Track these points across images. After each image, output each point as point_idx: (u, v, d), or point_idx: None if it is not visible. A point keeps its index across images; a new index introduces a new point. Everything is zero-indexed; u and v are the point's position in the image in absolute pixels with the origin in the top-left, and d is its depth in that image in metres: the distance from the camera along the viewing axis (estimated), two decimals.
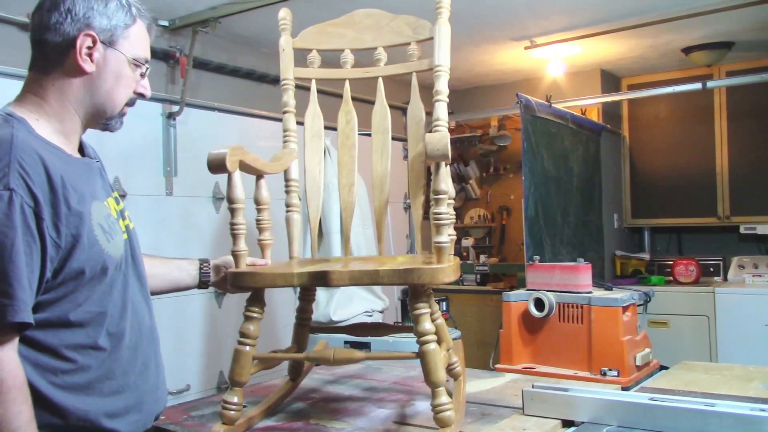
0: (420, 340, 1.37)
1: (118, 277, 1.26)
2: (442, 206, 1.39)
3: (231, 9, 3.08)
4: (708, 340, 4.14)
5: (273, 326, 3.50)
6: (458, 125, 5.24)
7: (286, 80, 1.74)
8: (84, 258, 1.17)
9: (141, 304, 1.34)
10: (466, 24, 3.55)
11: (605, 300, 2.47)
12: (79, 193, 1.18)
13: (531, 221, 3.43)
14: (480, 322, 4.27)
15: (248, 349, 1.47)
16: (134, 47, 1.29)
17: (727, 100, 4.53)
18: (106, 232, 1.23)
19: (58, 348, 1.17)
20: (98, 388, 1.21)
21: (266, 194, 1.59)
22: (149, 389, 1.33)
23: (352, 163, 1.74)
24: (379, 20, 1.74)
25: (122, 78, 1.28)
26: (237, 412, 1.46)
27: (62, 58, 1.23)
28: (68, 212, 1.15)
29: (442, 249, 1.39)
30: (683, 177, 4.71)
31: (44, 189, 1.12)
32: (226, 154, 1.41)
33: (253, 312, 1.51)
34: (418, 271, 1.32)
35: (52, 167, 1.14)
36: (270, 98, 3.86)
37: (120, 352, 1.26)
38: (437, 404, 1.35)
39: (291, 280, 1.43)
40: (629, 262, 4.84)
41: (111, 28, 1.25)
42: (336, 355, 1.46)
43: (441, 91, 1.59)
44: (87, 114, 1.28)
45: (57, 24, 1.22)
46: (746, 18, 3.59)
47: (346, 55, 1.76)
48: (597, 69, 4.67)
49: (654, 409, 1.40)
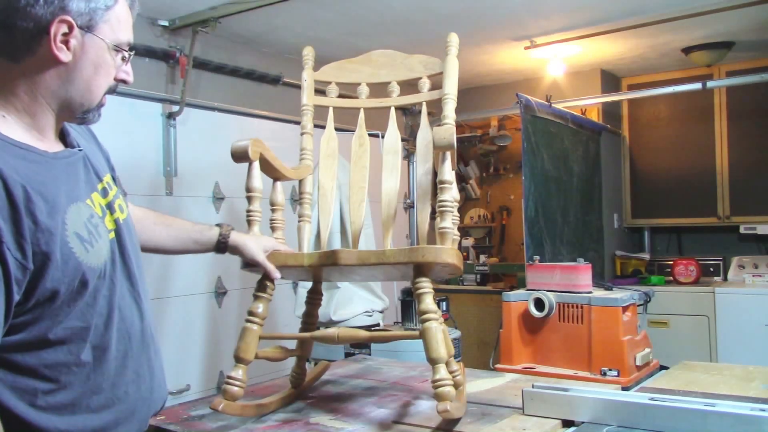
0: (422, 317, 1.43)
1: (102, 285, 1.15)
2: (447, 195, 1.51)
3: (231, 9, 3.08)
4: (708, 340, 4.14)
5: (274, 327, 3.50)
6: (458, 125, 5.21)
7: (306, 106, 1.88)
8: (58, 276, 1.05)
9: (130, 308, 1.23)
10: (466, 24, 3.55)
11: (605, 300, 2.47)
12: (49, 202, 1.05)
13: (531, 221, 3.43)
14: (480, 322, 4.27)
15: (255, 327, 1.53)
16: (116, 31, 1.14)
17: (727, 100, 4.53)
18: (85, 240, 1.11)
19: (37, 368, 1.07)
20: (84, 405, 1.13)
21: (281, 197, 1.72)
22: (142, 396, 1.26)
23: (363, 181, 1.85)
24: (393, 58, 1.89)
25: (102, 66, 1.14)
26: (240, 388, 1.50)
27: (34, 46, 1.08)
28: (34, 228, 1.02)
29: (446, 234, 1.50)
30: (683, 177, 4.71)
31: (2, 207, 0.99)
32: (248, 145, 1.57)
33: (264, 291, 1.58)
34: (422, 249, 1.44)
35: (11, 180, 1.01)
36: (270, 98, 3.87)
37: (106, 364, 1.17)
38: (437, 379, 1.39)
39: (301, 260, 1.55)
40: (629, 262, 4.84)
41: (89, 12, 1.09)
42: (340, 334, 1.54)
43: (448, 116, 1.70)
44: (62, 107, 1.14)
45: (27, 6, 1.05)
46: (746, 18, 3.59)
47: (362, 87, 1.91)
48: (597, 69, 4.67)
49: (654, 409, 1.40)
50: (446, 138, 1.49)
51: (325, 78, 1.93)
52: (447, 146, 1.50)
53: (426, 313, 1.44)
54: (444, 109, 1.72)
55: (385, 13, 3.37)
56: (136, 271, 1.27)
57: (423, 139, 1.80)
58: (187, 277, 3.29)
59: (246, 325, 1.54)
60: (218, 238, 1.57)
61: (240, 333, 1.54)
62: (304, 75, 1.90)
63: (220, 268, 3.40)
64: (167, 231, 1.55)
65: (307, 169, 1.85)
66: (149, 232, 1.51)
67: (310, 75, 1.90)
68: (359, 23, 3.50)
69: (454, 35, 1.80)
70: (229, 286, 3.48)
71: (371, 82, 1.91)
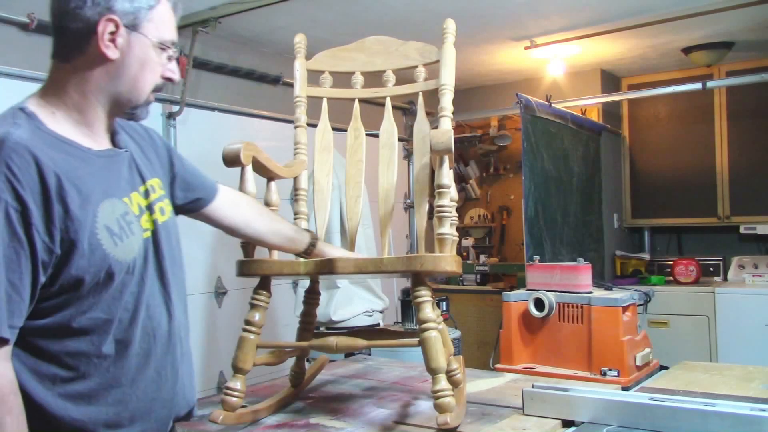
0: (421, 327, 1.41)
1: (130, 281, 1.18)
2: (445, 200, 1.47)
3: (231, 9, 3.08)
4: (708, 340, 4.14)
5: (273, 327, 3.50)
6: (458, 125, 5.23)
7: (299, 97, 1.84)
8: (84, 265, 1.10)
9: (158, 308, 1.24)
10: (466, 24, 3.54)
11: (605, 300, 2.47)
12: (83, 194, 1.11)
13: (531, 221, 3.43)
14: (480, 322, 4.27)
15: (252, 336, 1.52)
16: (159, 30, 1.20)
17: (727, 100, 4.53)
18: (115, 234, 1.15)
19: (59, 355, 1.12)
20: (101, 397, 1.15)
21: (276, 197, 1.68)
22: (162, 398, 1.25)
23: (359, 175, 1.82)
24: (388, 46, 1.84)
25: (148, 63, 1.19)
26: (238, 399, 1.49)
27: (83, 45, 1.15)
28: (64, 215, 1.08)
29: (445, 240, 1.47)
30: (683, 177, 4.71)
31: (35, 191, 1.06)
32: (240, 149, 1.52)
33: (259, 300, 1.56)
34: (421, 258, 1.41)
35: (46, 167, 1.07)
36: (270, 98, 3.86)
37: (127, 359, 1.18)
38: (437, 390, 1.38)
39: (297, 269, 1.51)
40: (629, 262, 4.84)
41: (134, 11, 1.16)
42: (339, 343, 1.51)
43: (445, 108, 1.66)
44: (110, 103, 1.19)
45: (76, 9, 1.12)
46: (746, 18, 3.59)
47: (356, 76, 1.86)
48: (597, 69, 4.67)
49: (654, 409, 1.40)
50: (444, 142, 1.45)
51: (318, 67, 1.87)
52: (445, 150, 1.46)
53: (425, 322, 1.41)
54: (441, 101, 1.66)
55: (385, 13, 3.37)
56: (171, 272, 1.29)
57: (419, 131, 1.75)
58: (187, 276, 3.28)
59: (243, 334, 1.52)
60: (309, 241, 1.63)
61: (237, 343, 1.52)
62: (297, 64, 1.84)
63: (220, 268, 3.40)
64: (270, 224, 1.58)
65: (302, 164, 1.81)
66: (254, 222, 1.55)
67: (303, 64, 1.85)
68: (359, 23, 3.50)
69: (450, 21, 1.73)
70: (229, 286, 3.48)
71: (366, 70, 1.85)
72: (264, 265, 1.54)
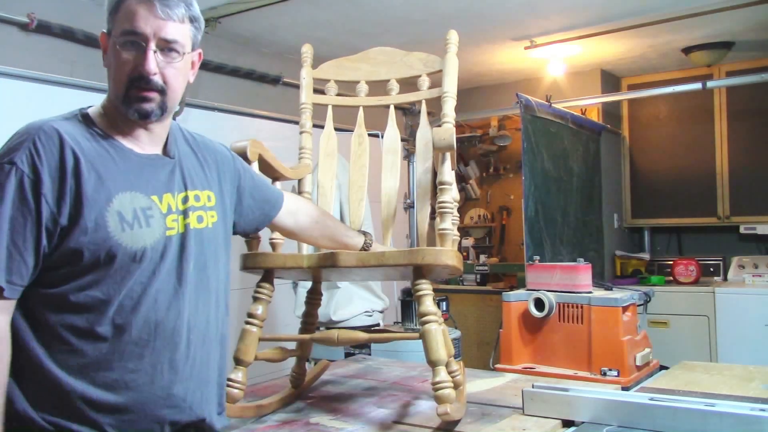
0: (422, 320, 1.43)
1: (136, 269, 1.20)
2: (447, 196, 1.51)
3: (231, 9, 3.08)
4: (708, 340, 4.14)
5: (273, 327, 3.50)
6: (458, 125, 5.22)
7: (304, 104, 1.88)
8: (85, 241, 1.16)
9: (167, 304, 1.25)
10: (466, 24, 3.55)
11: (605, 300, 2.47)
12: (102, 178, 1.18)
13: (531, 221, 3.43)
14: (480, 322, 4.27)
15: (255, 329, 1.54)
16: (122, 23, 1.23)
17: (727, 100, 4.53)
18: (125, 221, 1.19)
19: (55, 326, 1.17)
20: (90, 376, 1.18)
21: None
22: (155, 393, 1.23)
23: (362, 180, 1.85)
24: (392, 56, 1.89)
25: (116, 61, 1.24)
26: (240, 391, 1.50)
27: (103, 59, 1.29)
28: (76, 191, 1.16)
29: (446, 235, 1.50)
30: (683, 177, 4.71)
31: (52, 165, 1.15)
32: (247, 145, 1.57)
33: (262, 293, 1.58)
34: (422, 251, 1.43)
35: (66, 144, 1.17)
36: (270, 98, 3.87)
37: (122, 345, 1.20)
38: (437, 381, 1.39)
39: (301, 262, 1.53)
40: (629, 262, 4.84)
41: (108, 17, 1.26)
42: (340, 336, 1.53)
43: (447, 114, 1.70)
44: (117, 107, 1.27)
45: None
46: (746, 18, 3.59)
47: (361, 85, 1.90)
48: (597, 69, 4.67)
49: (654, 409, 1.41)
50: (446, 139, 1.49)
51: (323, 76, 1.92)
52: (447, 147, 1.50)
53: (426, 315, 1.44)
54: (443, 108, 1.71)
55: (385, 13, 3.37)
56: (195, 275, 1.30)
57: (422, 137, 1.80)
58: None
59: (245, 326, 1.55)
60: (363, 246, 1.69)
61: (240, 335, 1.54)
62: (303, 73, 1.90)
63: None
64: (323, 231, 1.67)
65: (306, 168, 1.85)
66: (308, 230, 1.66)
67: (309, 73, 1.90)
68: (359, 23, 3.50)
69: (453, 33, 1.79)
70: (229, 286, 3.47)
71: (370, 79, 1.90)
72: (268, 258, 1.56)
